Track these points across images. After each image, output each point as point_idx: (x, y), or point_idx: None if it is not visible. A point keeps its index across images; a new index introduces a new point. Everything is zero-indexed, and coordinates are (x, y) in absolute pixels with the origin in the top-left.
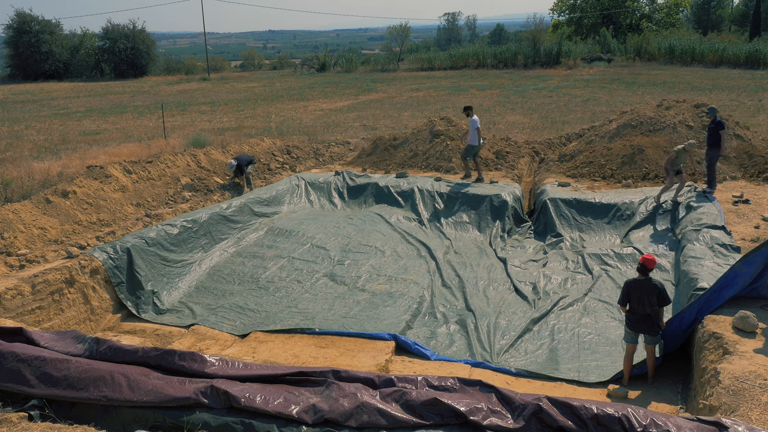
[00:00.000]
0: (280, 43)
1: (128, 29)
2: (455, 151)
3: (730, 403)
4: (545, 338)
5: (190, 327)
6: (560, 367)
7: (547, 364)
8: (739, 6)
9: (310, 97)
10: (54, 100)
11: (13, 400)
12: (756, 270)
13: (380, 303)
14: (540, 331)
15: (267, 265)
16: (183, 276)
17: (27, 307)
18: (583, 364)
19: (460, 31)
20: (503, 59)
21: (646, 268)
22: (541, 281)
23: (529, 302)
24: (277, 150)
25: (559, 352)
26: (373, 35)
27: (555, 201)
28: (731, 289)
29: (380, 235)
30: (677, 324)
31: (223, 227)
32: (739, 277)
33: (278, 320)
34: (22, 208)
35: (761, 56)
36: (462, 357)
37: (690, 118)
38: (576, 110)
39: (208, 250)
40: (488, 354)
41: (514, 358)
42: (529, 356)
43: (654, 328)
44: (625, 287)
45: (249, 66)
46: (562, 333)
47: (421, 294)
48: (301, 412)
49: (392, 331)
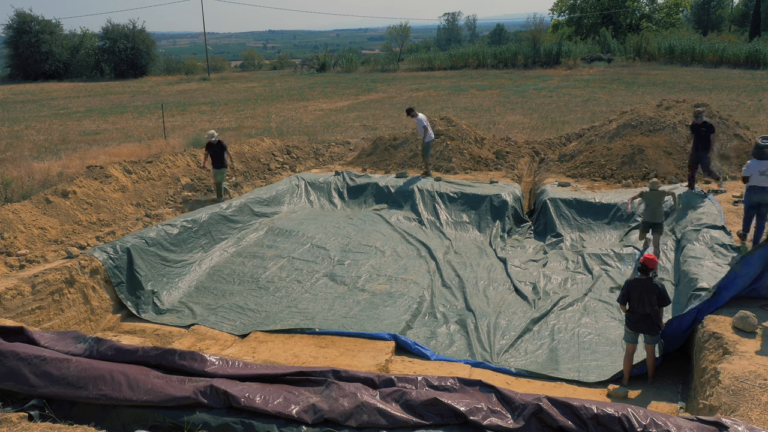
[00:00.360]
0: (280, 43)
1: (128, 29)
2: (455, 151)
3: (730, 403)
4: (545, 338)
5: (190, 327)
6: (560, 367)
7: (547, 364)
8: (739, 6)
9: (310, 97)
10: (54, 100)
11: (13, 400)
12: (755, 270)
13: (380, 303)
14: (540, 331)
15: (267, 265)
16: (183, 276)
17: (27, 307)
18: (583, 364)
19: (460, 31)
20: (503, 59)
21: (647, 268)
22: (541, 281)
23: (529, 302)
24: (277, 150)
25: (559, 352)
26: (373, 35)
27: (555, 201)
28: (731, 289)
29: (380, 235)
30: (677, 325)
31: (223, 227)
32: (739, 278)
33: (278, 320)
34: (22, 208)
35: (761, 56)
36: (462, 357)
37: (690, 118)
38: (576, 110)
39: (208, 250)
40: (488, 354)
41: (514, 358)
42: (529, 356)
43: (654, 328)
44: (625, 286)
45: (249, 66)
46: (562, 333)
47: (421, 294)
48: (301, 411)
49: (392, 331)
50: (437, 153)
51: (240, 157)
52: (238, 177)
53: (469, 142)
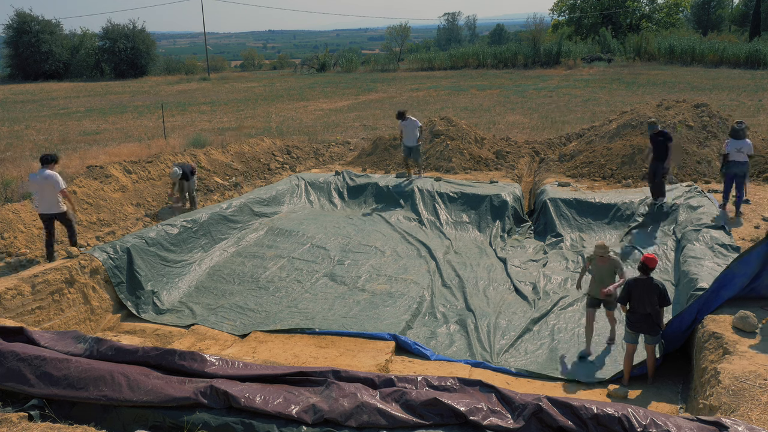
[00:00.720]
0: (280, 43)
1: (128, 29)
2: (455, 151)
3: (730, 403)
4: (545, 338)
5: (190, 327)
6: (560, 367)
7: (547, 364)
8: (739, 6)
9: (310, 97)
10: (54, 100)
11: (13, 400)
12: (753, 269)
13: (380, 303)
14: (540, 331)
15: (267, 265)
16: (183, 276)
17: (27, 307)
18: (583, 363)
19: (460, 31)
20: (503, 59)
21: (648, 268)
22: (541, 281)
23: (529, 302)
24: (277, 150)
25: (559, 351)
26: (373, 35)
27: (555, 201)
28: (729, 289)
29: (380, 235)
30: (677, 325)
31: (222, 227)
32: (737, 278)
33: (278, 320)
34: (23, 208)
35: (761, 56)
36: (462, 357)
37: (690, 118)
38: (576, 110)
39: (208, 250)
40: (488, 354)
41: (514, 358)
42: (529, 356)
43: (654, 328)
44: (626, 286)
45: (249, 66)
46: (562, 333)
47: (421, 294)
48: (301, 412)
49: (392, 331)
50: (437, 153)
51: (240, 157)
52: (237, 177)
53: (469, 142)
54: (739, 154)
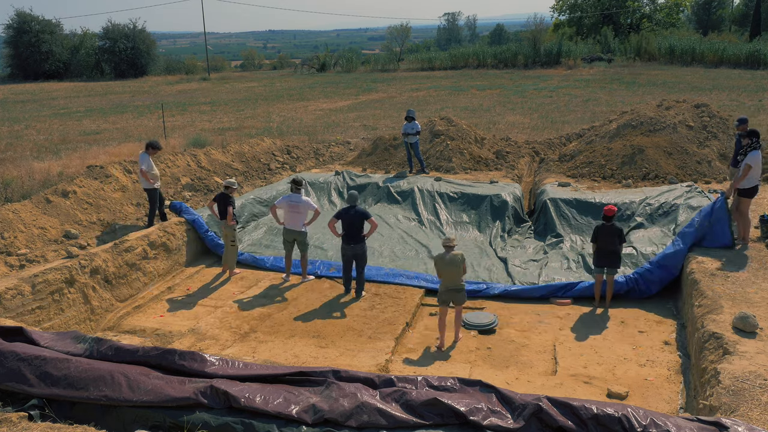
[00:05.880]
0: (280, 43)
1: (128, 29)
2: (455, 151)
3: (730, 403)
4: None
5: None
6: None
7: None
8: (740, 6)
9: (310, 97)
10: (54, 99)
11: (13, 400)
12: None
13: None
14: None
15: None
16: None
17: (27, 306)
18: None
19: (460, 31)
20: (503, 59)
21: (608, 216)
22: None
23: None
24: (277, 150)
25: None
26: (373, 35)
27: (555, 201)
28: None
29: (379, 235)
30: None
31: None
32: (687, 236)
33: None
34: (23, 208)
35: (761, 56)
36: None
37: (690, 118)
38: (576, 110)
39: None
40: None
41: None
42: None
43: (616, 262)
44: (594, 230)
45: (249, 66)
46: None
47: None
48: (301, 411)
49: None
50: (437, 153)
51: (240, 157)
52: (237, 177)
53: (469, 142)
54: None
